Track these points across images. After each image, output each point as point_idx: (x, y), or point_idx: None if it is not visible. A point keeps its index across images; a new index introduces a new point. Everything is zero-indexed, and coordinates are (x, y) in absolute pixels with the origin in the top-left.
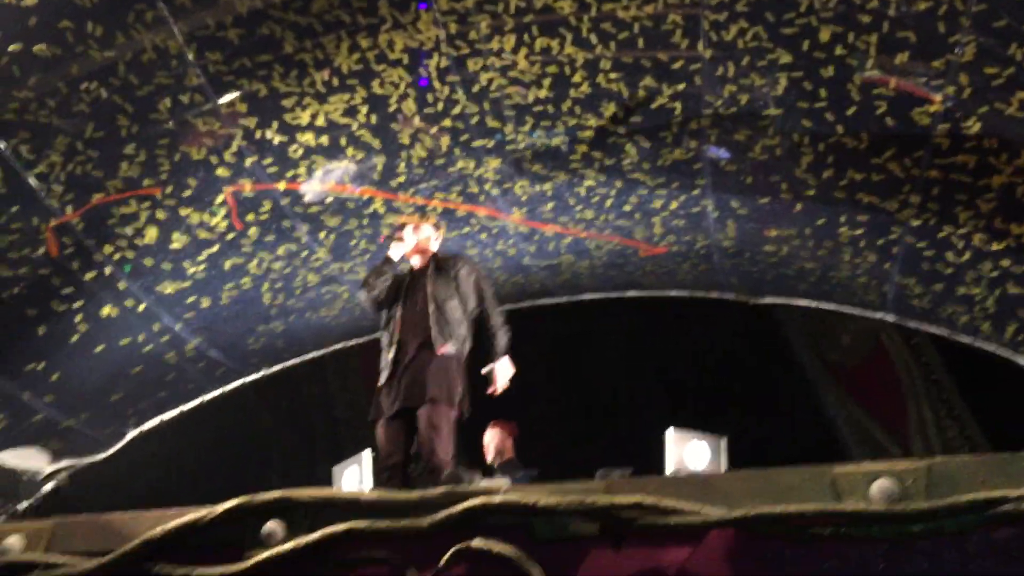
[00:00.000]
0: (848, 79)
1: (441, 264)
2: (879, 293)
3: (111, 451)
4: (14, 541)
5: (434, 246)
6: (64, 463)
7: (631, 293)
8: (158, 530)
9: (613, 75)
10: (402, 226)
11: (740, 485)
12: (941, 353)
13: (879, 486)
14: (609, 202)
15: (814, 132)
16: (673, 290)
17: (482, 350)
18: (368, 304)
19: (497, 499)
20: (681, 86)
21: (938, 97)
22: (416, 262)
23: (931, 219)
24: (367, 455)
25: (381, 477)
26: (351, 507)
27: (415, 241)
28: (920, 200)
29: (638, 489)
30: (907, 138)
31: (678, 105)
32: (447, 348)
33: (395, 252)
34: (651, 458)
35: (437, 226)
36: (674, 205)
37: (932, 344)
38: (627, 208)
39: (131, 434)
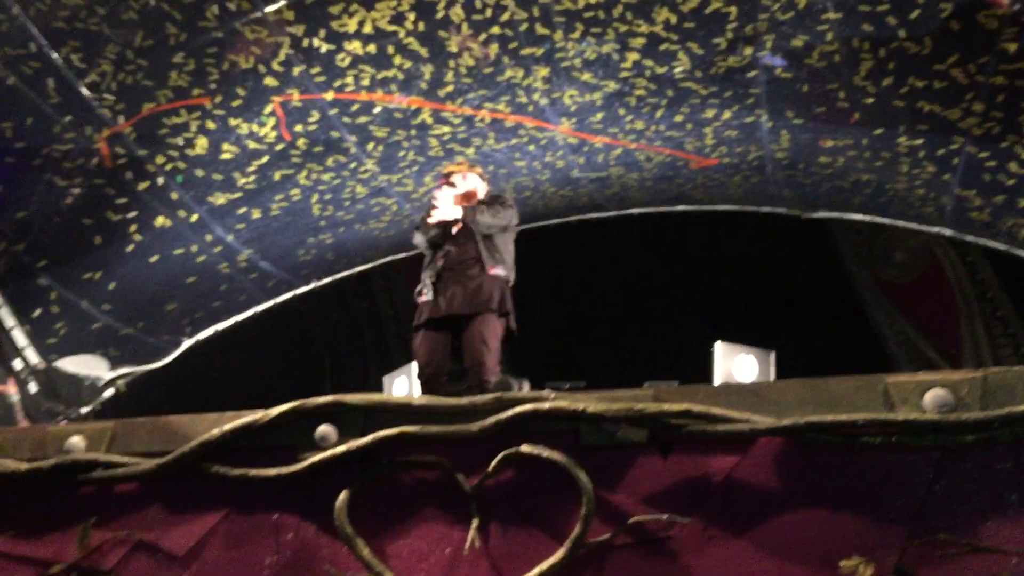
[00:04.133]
0: None
1: (487, 203)
2: (937, 206)
3: (168, 359)
4: (77, 441)
5: (481, 191)
6: (123, 370)
7: (681, 207)
8: (215, 432)
9: None
10: (449, 174)
11: (790, 393)
12: (997, 270)
13: (933, 395)
14: (660, 112)
15: (875, 37)
16: (724, 204)
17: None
18: (424, 246)
19: (546, 405)
20: None
21: (1006, 0)
22: (459, 212)
23: (994, 128)
24: (415, 366)
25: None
26: (402, 412)
27: (463, 190)
28: (983, 108)
29: (687, 397)
30: (972, 43)
31: (733, 9)
32: (498, 270)
33: (443, 199)
34: (699, 372)
35: (484, 176)
36: (727, 115)
37: (988, 261)
38: (678, 119)
39: (187, 343)
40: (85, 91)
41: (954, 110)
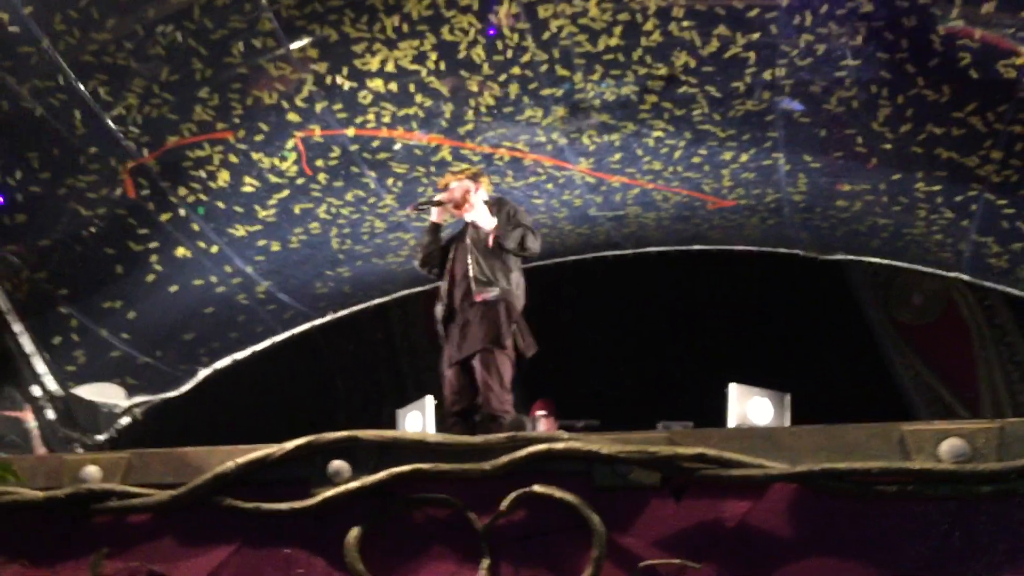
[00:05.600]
0: (931, 29)
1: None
2: (954, 251)
3: (185, 388)
4: (92, 471)
5: (476, 199)
6: (140, 398)
7: (697, 247)
8: (229, 464)
9: (686, 23)
10: (444, 187)
11: (804, 440)
12: (1015, 314)
13: (949, 445)
14: (678, 153)
15: (893, 84)
16: (741, 245)
17: (550, 301)
18: (421, 268)
19: (560, 446)
20: (756, 35)
21: None
22: (468, 218)
23: (1012, 176)
24: (429, 400)
25: (448, 423)
26: (416, 449)
27: (454, 199)
28: (1002, 156)
29: (700, 441)
30: (991, 91)
31: (752, 55)
32: (486, 295)
33: (437, 216)
34: (713, 413)
35: (476, 178)
36: (744, 158)
37: (1007, 306)
38: (696, 160)
39: (204, 372)
40: (111, 123)
41: (972, 157)
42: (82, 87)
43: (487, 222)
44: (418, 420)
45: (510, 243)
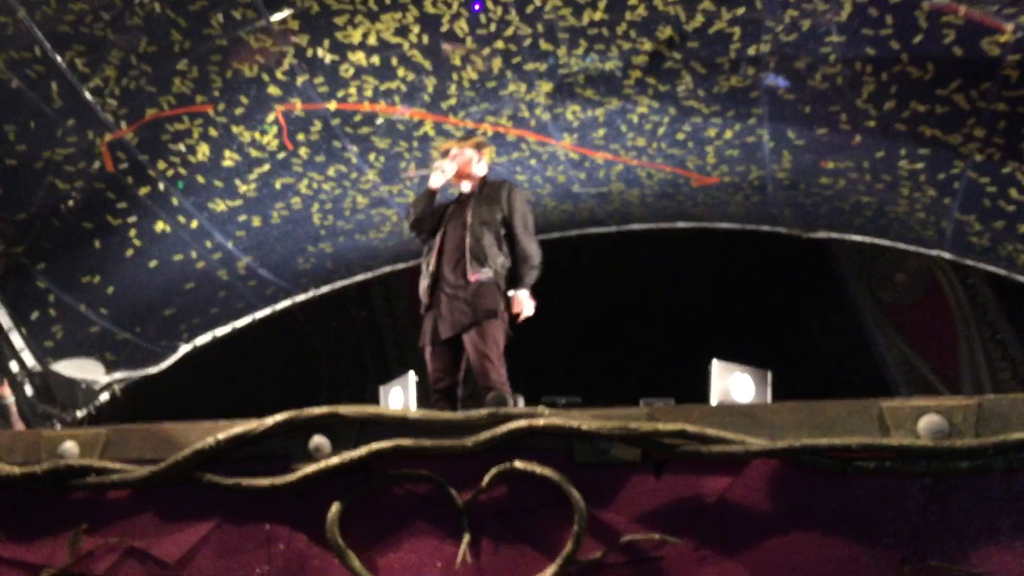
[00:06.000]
0: (916, 6)
1: (488, 189)
2: (937, 230)
3: (165, 365)
4: (70, 446)
5: (478, 169)
6: (119, 374)
7: (681, 224)
8: (209, 440)
9: None
10: (445, 152)
11: (785, 416)
12: (997, 293)
13: (927, 421)
14: (662, 130)
15: (877, 61)
16: (725, 222)
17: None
18: (410, 231)
19: (541, 422)
20: (740, 10)
21: (1009, 27)
22: (466, 188)
23: (995, 154)
24: (411, 377)
25: (432, 399)
26: (397, 425)
27: (456, 166)
28: (985, 134)
29: (681, 417)
30: (974, 69)
31: (736, 30)
32: (480, 275)
33: (436, 180)
34: (696, 390)
35: (479, 147)
36: (729, 134)
37: (988, 284)
38: (680, 136)
39: (184, 348)
40: (88, 95)
41: (955, 135)
42: (59, 58)
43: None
44: (400, 397)
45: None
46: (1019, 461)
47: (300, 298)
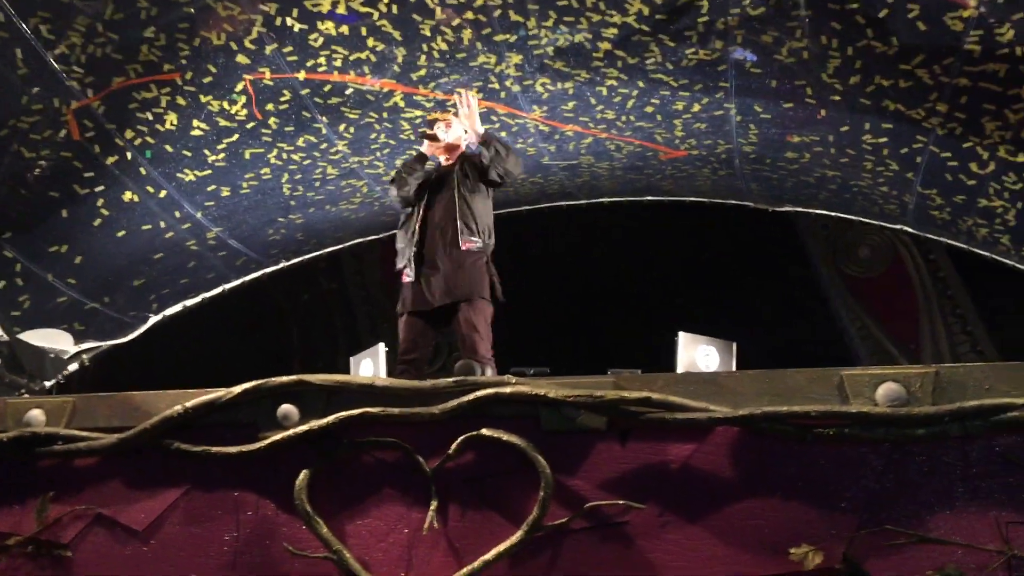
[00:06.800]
0: None
1: (469, 159)
2: (899, 203)
3: (134, 335)
4: (36, 414)
5: (464, 145)
6: (88, 344)
7: (649, 198)
8: (177, 408)
9: None
10: (433, 123)
11: (747, 384)
12: (958, 268)
13: (885, 389)
14: (631, 103)
15: (843, 35)
16: (693, 196)
17: (505, 250)
18: (398, 200)
19: (507, 390)
20: None
21: (972, 2)
22: (444, 160)
23: (957, 128)
24: (381, 348)
25: (398, 370)
26: (364, 393)
27: (447, 139)
28: (947, 109)
29: (646, 385)
30: (938, 44)
31: (705, 3)
32: (471, 244)
33: (426, 149)
34: (663, 362)
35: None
36: (696, 108)
37: (949, 258)
38: (648, 109)
39: (154, 319)
40: (54, 63)
41: (918, 110)
42: (23, 25)
43: (476, 124)
44: (370, 367)
45: (508, 165)
46: (974, 428)
47: (271, 269)
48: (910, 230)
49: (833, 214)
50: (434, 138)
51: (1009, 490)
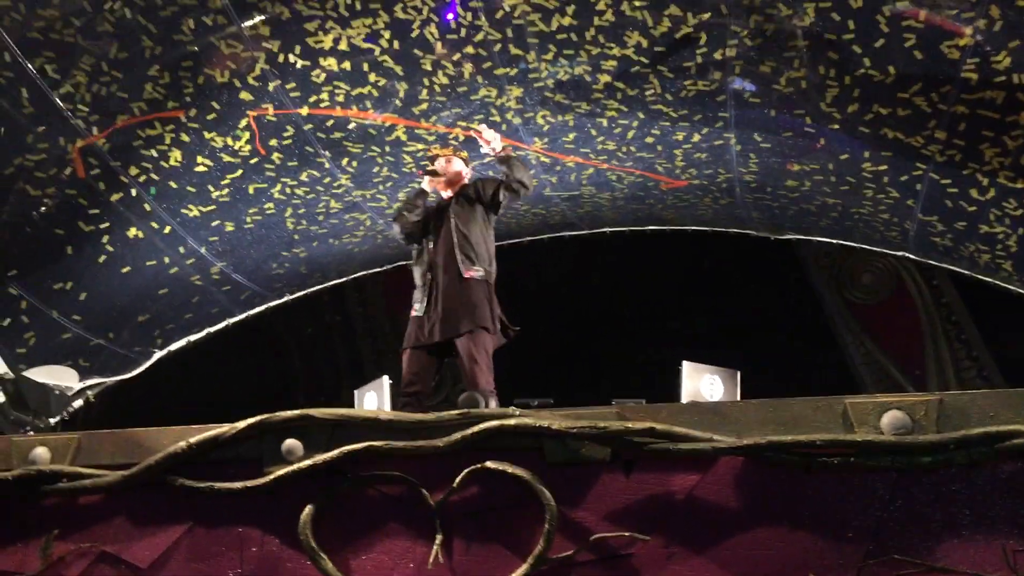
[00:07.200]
0: (877, 10)
1: (464, 192)
2: (900, 230)
3: (139, 371)
4: (41, 452)
5: (465, 179)
6: (93, 381)
7: (651, 227)
8: (182, 444)
9: (638, 3)
10: (434, 158)
11: (751, 414)
12: (962, 294)
13: (890, 417)
14: (631, 134)
15: (840, 64)
16: (694, 225)
17: (508, 281)
18: (401, 237)
19: (511, 422)
20: (706, 15)
21: (968, 30)
22: (446, 195)
23: (956, 155)
24: (385, 381)
25: (399, 403)
26: (368, 427)
27: (447, 175)
28: (946, 136)
29: (650, 416)
30: (935, 72)
31: (703, 35)
32: (473, 272)
33: (427, 185)
34: (668, 391)
35: (467, 161)
36: (696, 138)
37: (953, 284)
38: (649, 140)
39: (158, 354)
40: (59, 102)
41: (917, 137)
42: (29, 65)
43: (495, 140)
44: (374, 400)
45: (516, 170)
46: (980, 455)
47: (275, 303)
48: (912, 256)
49: (835, 241)
50: (434, 173)
51: (1015, 518)
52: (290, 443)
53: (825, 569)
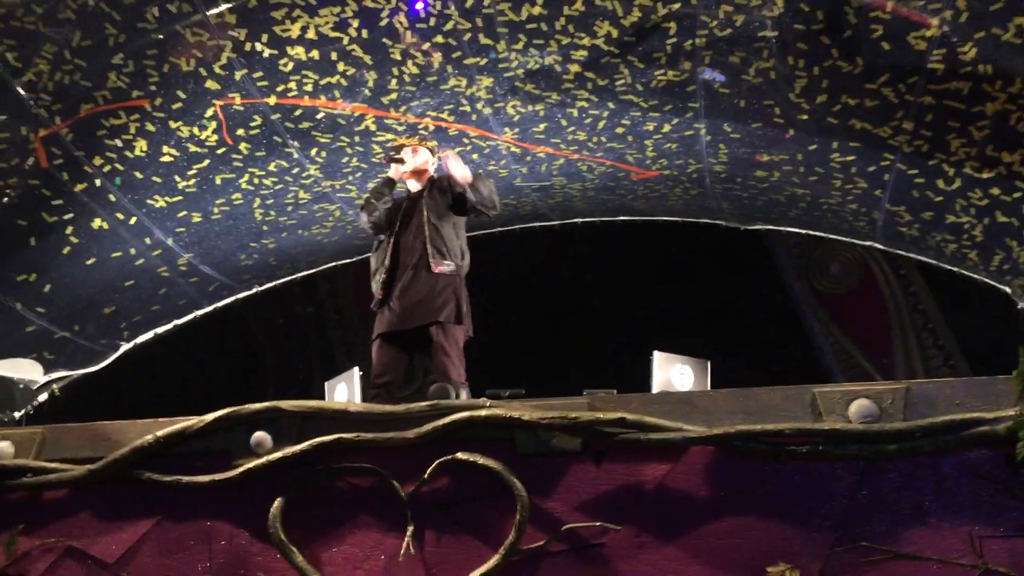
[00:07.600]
0: (845, 2)
1: (437, 184)
2: (869, 220)
3: (105, 363)
4: (5, 446)
5: (432, 169)
6: (58, 374)
7: (622, 218)
8: (148, 438)
9: None
10: (400, 148)
11: (721, 403)
12: (929, 283)
13: (857, 406)
14: (602, 124)
15: (809, 55)
16: (665, 215)
17: (479, 272)
18: (368, 227)
19: (482, 413)
20: (676, 5)
21: (935, 21)
22: (413, 186)
23: (923, 146)
24: (356, 373)
25: (369, 394)
26: (338, 419)
27: (414, 164)
28: (913, 127)
29: (620, 406)
30: (902, 63)
31: (673, 25)
32: (443, 267)
33: (394, 173)
34: (639, 381)
35: (433, 151)
36: (667, 128)
37: (920, 274)
38: (619, 130)
39: (125, 347)
40: (20, 90)
41: (885, 128)
42: None
43: (462, 172)
44: (345, 392)
45: (483, 191)
46: (946, 443)
47: (245, 295)
48: (880, 246)
49: (804, 232)
50: (400, 162)
51: (981, 504)
52: (259, 436)
53: (795, 556)
